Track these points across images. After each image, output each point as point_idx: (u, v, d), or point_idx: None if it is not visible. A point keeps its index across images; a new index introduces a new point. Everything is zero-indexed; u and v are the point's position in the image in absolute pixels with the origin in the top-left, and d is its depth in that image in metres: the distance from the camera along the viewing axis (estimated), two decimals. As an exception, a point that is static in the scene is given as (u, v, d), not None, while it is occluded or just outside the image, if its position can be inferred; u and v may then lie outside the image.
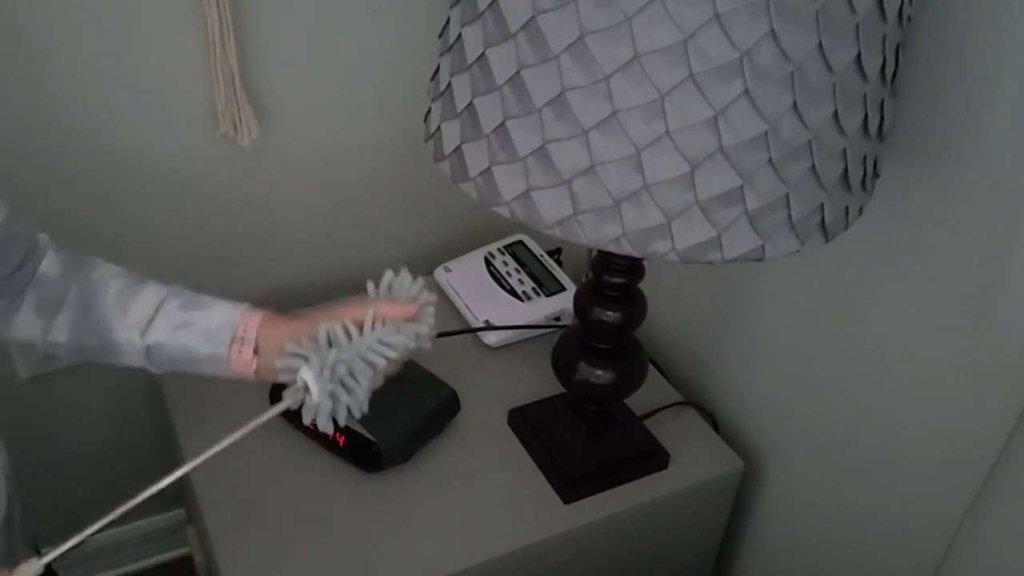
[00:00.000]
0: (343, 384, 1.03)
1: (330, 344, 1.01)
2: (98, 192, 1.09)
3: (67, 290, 0.99)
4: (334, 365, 1.01)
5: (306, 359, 1.00)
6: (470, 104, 0.90)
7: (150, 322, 0.98)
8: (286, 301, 1.60)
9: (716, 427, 1.42)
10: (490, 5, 0.86)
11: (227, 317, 0.98)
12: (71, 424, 1.59)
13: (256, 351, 0.98)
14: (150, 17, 1.28)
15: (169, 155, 1.39)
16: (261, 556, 1.16)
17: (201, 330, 0.98)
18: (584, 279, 1.27)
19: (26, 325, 0.99)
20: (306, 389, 1.01)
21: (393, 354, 1.03)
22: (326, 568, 1.15)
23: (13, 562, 0.99)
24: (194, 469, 1.25)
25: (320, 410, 1.02)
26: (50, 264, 0.99)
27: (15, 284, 0.97)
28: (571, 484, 1.25)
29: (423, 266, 1.65)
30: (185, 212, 1.46)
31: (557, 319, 1.51)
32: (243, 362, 0.98)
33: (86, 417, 1.59)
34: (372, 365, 1.04)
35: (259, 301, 1.57)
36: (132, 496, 0.91)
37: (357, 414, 1.05)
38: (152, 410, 1.60)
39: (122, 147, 1.36)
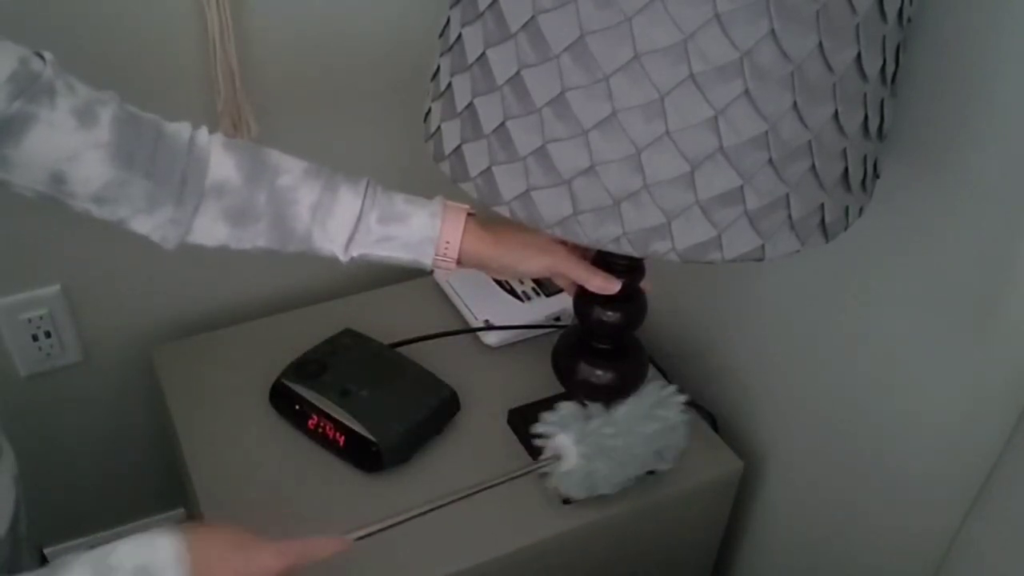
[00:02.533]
0: (601, 456, 1.11)
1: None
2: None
3: (255, 198, 1.00)
4: (594, 434, 1.10)
5: (562, 426, 1.10)
6: (470, 104, 0.90)
7: (351, 238, 1.02)
8: (284, 304, 1.60)
9: (716, 427, 1.42)
10: (490, 5, 0.86)
11: (427, 232, 1.03)
12: (70, 423, 1.59)
13: (458, 261, 1.05)
14: (150, 17, 1.28)
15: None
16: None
17: (403, 243, 1.03)
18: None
19: (213, 231, 1.00)
20: (558, 456, 1.10)
21: (645, 446, 1.14)
22: (325, 567, 1.15)
23: (17, 567, 0.99)
24: (194, 469, 1.26)
25: (571, 477, 1.10)
26: (226, 168, 0.99)
27: (184, 199, 0.97)
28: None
29: (423, 266, 1.65)
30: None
31: (557, 319, 1.51)
32: (445, 268, 1.06)
33: (86, 416, 1.59)
34: (629, 447, 1.14)
35: (255, 304, 1.59)
36: (131, 495, 0.92)
37: (609, 490, 1.14)
38: (152, 410, 1.60)
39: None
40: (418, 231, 1.02)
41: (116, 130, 0.92)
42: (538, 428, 1.12)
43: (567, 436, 1.10)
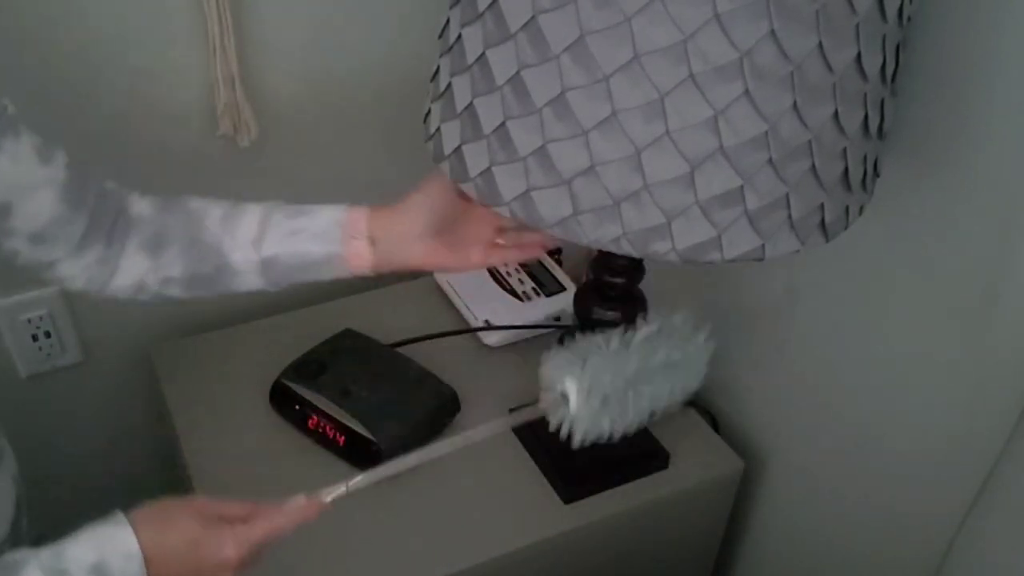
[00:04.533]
0: (607, 403, 1.04)
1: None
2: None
3: (168, 224, 1.03)
4: (601, 384, 1.03)
5: (571, 365, 1.03)
6: (470, 105, 0.90)
7: (260, 237, 1.02)
8: (284, 304, 1.60)
9: (716, 427, 1.42)
10: (490, 5, 0.86)
11: (335, 216, 1.02)
12: (70, 423, 1.59)
13: (372, 243, 1.02)
14: (150, 18, 1.28)
15: (168, 156, 1.39)
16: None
17: (312, 234, 1.02)
18: (584, 279, 1.27)
19: (134, 266, 1.02)
20: (564, 399, 1.03)
21: (660, 400, 1.06)
22: (326, 567, 1.15)
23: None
24: (194, 469, 1.26)
25: (577, 423, 1.03)
26: (141, 206, 1.03)
27: (113, 239, 1.01)
28: (571, 484, 1.25)
29: (423, 266, 1.65)
30: (185, 212, 1.46)
31: (557, 319, 1.51)
32: (360, 256, 1.02)
33: (86, 416, 1.59)
34: (640, 398, 1.06)
35: (255, 304, 1.59)
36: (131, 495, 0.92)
37: (615, 433, 1.06)
38: (152, 410, 1.60)
39: (121, 147, 1.36)
40: (325, 218, 1.02)
41: (69, 170, 0.96)
42: (544, 369, 1.05)
43: (575, 381, 1.02)
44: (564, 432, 1.04)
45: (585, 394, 1.02)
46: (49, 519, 1.65)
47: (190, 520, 0.86)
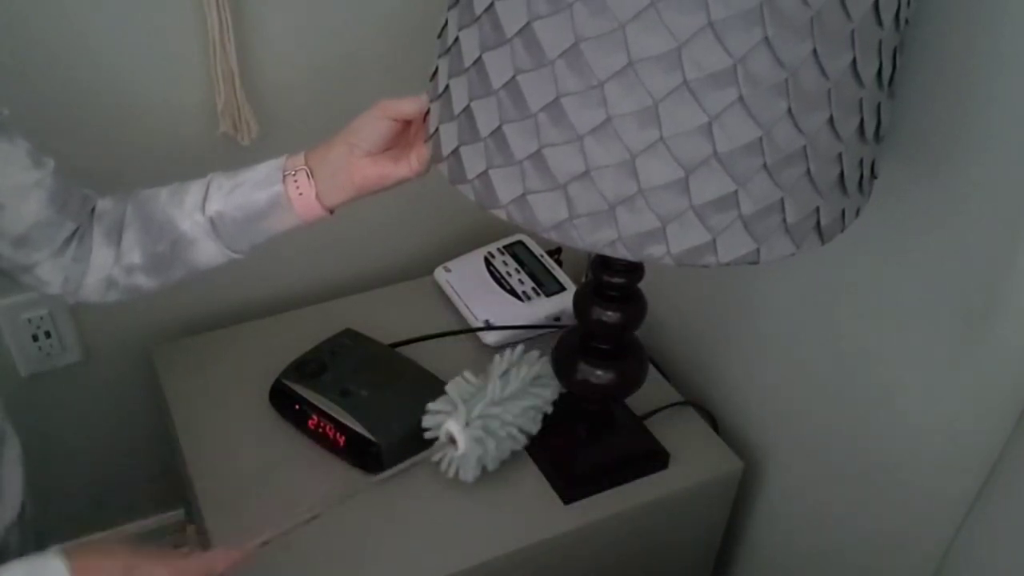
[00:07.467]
0: (488, 432, 1.18)
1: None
2: (95, 190, 1.12)
3: (124, 210, 1.07)
4: (481, 415, 1.17)
5: (448, 412, 1.17)
6: (467, 107, 0.90)
7: (205, 198, 1.05)
8: (284, 304, 1.60)
9: (716, 427, 1.42)
10: (486, 9, 0.86)
11: (273, 164, 1.06)
12: (70, 423, 1.59)
13: (311, 176, 1.04)
14: (150, 17, 1.28)
15: (168, 154, 1.39)
16: (261, 555, 1.16)
17: (253, 183, 1.05)
18: (584, 279, 1.27)
19: (101, 259, 1.06)
20: (451, 441, 1.16)
21: (528, 418, 1.24)
22: (326, 568, 1.15)
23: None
24: (194, 469, 1.26)
25: (466, 460, 1.17)
26: (103, 203, 1.09)
27: (84, 237, 1.06)
28: (571, 484, 1.26)
29: (423, 266, 1.65)
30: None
31: (557, 319, 1.51)
32: (303, 193, 1.04)
33: (86, 416, 1.60)
34: (510, 423, 1.21)
35: (255, 304, 1.59)
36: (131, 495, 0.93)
37: (495, 466, 1.23)
38: (152, 410, 1.60)
39: (121, 146, 1.36)
40: (265, 167, 1.06)
41: (56, 176, 1.00)
42: (426, 420, 1.19)
43: (456, 422, 1.16)
44: (452, 472, 1.19)
45: (467, 429, 1.16)
46: (49, 519, 1.65)
47: (126, 551, 0.88)
